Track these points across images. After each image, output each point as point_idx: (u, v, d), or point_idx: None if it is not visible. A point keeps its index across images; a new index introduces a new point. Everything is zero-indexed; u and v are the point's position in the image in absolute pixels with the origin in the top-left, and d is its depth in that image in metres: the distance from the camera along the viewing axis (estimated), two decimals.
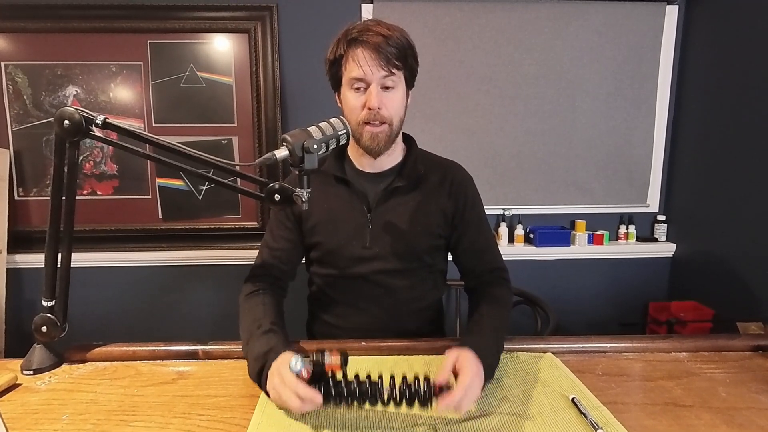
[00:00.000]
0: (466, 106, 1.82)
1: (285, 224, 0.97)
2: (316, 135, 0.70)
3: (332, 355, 0.62)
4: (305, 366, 0.62)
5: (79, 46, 1.70)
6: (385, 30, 0.83)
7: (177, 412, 0.69)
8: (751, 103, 1.52)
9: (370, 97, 0.84)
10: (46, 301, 0.81)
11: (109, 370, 0.83)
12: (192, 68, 1.73)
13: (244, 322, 0.83)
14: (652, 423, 0.65)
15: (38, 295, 0.81)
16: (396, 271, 0.95)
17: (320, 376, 0.63)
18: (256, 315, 0.83)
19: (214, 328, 1.88)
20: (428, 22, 1.76)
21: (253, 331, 0.78)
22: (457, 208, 0.96)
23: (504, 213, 1.90)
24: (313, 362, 0.62)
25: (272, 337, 0.76)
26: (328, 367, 0.62)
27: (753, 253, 1.52)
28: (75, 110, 0.72)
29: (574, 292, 1.94)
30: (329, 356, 0.62)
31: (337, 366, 0.61)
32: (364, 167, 0.96)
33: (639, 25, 1.80)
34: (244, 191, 0.81)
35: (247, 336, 0.79)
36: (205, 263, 1.84)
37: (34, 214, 1.78)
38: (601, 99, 1.84)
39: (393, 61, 0.83)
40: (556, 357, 0.85)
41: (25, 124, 1.73)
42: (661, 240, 1.93)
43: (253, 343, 0.76)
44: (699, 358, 0.86)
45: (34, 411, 0.70)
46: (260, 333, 0.77)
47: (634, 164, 1.90)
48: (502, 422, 0.65)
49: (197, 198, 1.81)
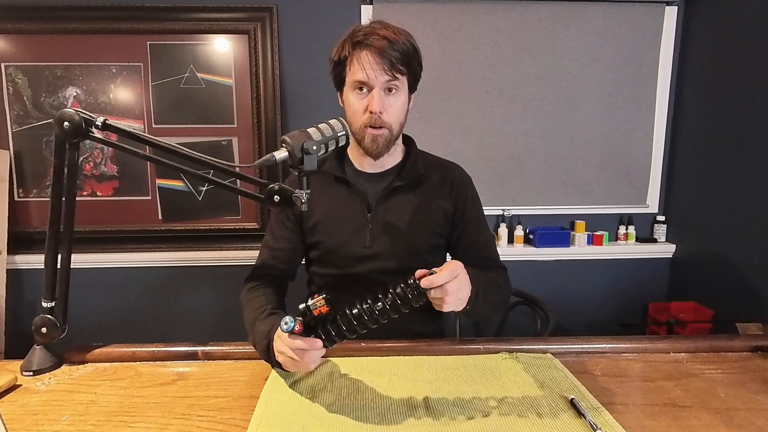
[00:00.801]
0: (466, 107, 1.83)
1: (285, 224, 0.97)
2: (316, 136, 0.70)
3: (316, 300, 0.64)
4: (296, 321, 0.64)
5: (79, 48, 1.70)
6: (391, 34, 0.83)
7: (177, 413, 0.69)
8: (750, 103, 1.53)
9: (373, 101, 0.84)
10: (45, 302, 0.81)
11: (109, 371, 0.83)
12: (192, 69, 1.74)
13: (248, 312, 0.85)
14: (651, 424, 0.65)
15: (38, 296, 0.81)
16: (396, 271, 0.95)
17: (314, 325, 0.66)
18: (259, 303, 0.85)
19: (214, 328, 1.88)
20: (428, 23, 1.76)
21: (257, 317, 0.81)
22: (457, 208, 0.97)
23: (504, 214, 1.91)
24: (301, 313, 0.64)
25: (275, 318, 0.78)
26: (316, 312, 0.63)
27: (753, 254, 1.52)
28: (75, 112, 0.72)
29: (573, 293, 1.94)
30: (313, 302, 0.64)
31: (323, 307, 0.63)
32: (364, 167, 0.97)
33: (638, 26, 1.80)
34: (243, 192, 0.81)
35: (252, 323, 0.81)
36: (205, 264, 1.84)
37: (34, 215, 1.78)
38: (601, 100, 1.85)
39: (397, 65, 0.84)
40: (556, 358, 0.85)
41: (25, 125, 1.73)
42: (660, 241, 1.93)
43: (258, 326, 0.79)
44: (698, 358, 0.86)
45: (34, 412, 0.70)
46: (264, 317, 0.80)
47: (633, 165, 1.90)
48: (501, 423, 0.65)
49: (197, 199, 1.81)
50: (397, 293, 0.65)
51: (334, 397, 0.72)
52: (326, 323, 0.66)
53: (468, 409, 0.68)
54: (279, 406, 0.70)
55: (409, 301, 0.65)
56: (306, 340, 0.65)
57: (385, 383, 0.76)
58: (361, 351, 0.87)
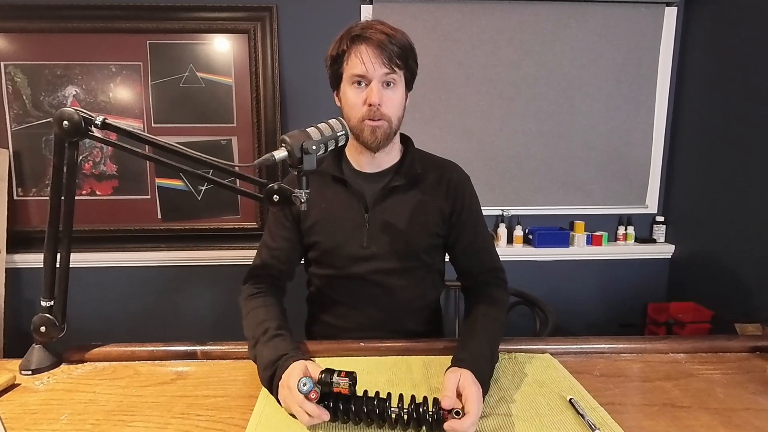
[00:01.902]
0: (465, 107, 1.83)
1: (284, 224, 0.97)
2: (315, 136, 0.71)
3: (341, 378, 0.62)
4: (313, 388, 0.62)
5: (78, 47, 1.70)
6: (389, 29, 0.84)
7: (175, 413, 0.69)
8: (749, 104, 1.53)
9: (372, 93, 0.84)
10: (44, 301, 0.81)
11: (108, 371, 0.83)
12: (191, 69, 1.74)
13: (249, 324, 0.83)
14: (649, 424, 0.65)
15: (37, 295, 0.81)
16: (394, 271, 0.95)
17: (328, 396, 0.64)
18: (260, 317, 0.83)
19: (213, 328, 1.88)
20: (428, 23, 1.76)
21: (260, 337, 0.79)
22: (455, 208, 0.96)
23: (503, 214, 1.91)
24: (321, 383, 0.63)
25: (279, 343, 0.76)
26: (336, 389, 0.62)
27: (752, 254, 1.52)
28: (74, 111, 0.72)
29: (572, 293, 1.94)
30: (338, 379, 0.62)
31: (345, 389, 0.62)
32: (362, 167, 0.96)
33: (638, 27, 1.80)
34: (243, 192, 0.81)
35: (254, 340, 0.79)
36: (204, 263, 1.84)
37: (33, 214, 1.78)
38: (601, 100, 1.85)
39: (395, 59, 0.84)
40: (555, 358, 0.85)
41: (24, 124, 1.73)
42: (659, 241, 1.93)
43: (261, 350, 0.76)
44: (697, 359, 0.86)
45: (33, 411, 0.70)
46: (267, 338, 0.78)
47: (633, 165, 1.90)
48: (499, 423, 0.65)
49: (196, 198, 1.81)
50: (418, 412, 0.63)
51: None
52: (338, 399, 0.64)
53: None
54: (278, 406, 0.69)
55: (425, 426, 0.63)
56: (316, 409, 0.62)
57: (384, 383, 0.76)
58: (360, 351, 0.87)
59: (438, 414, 0.62)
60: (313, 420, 0.63)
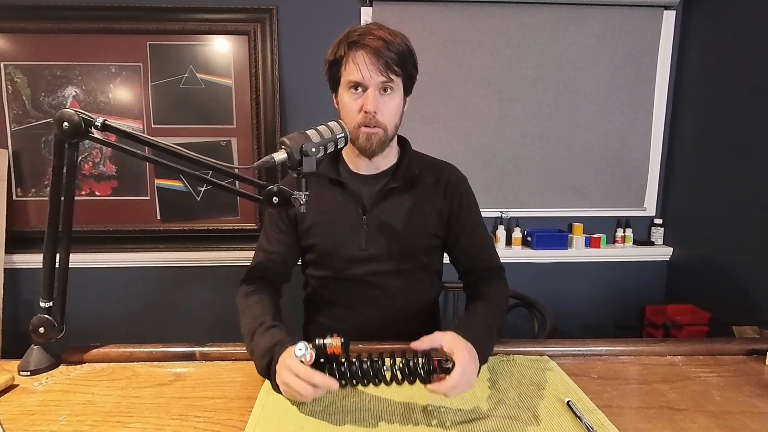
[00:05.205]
0: (464, 109, 1.83)
1: (280, 227, 0.97)
2: (315, 138, 0.71)
3: (333, 339, 0.64)
4: (309, 351, 0.64)
5: (78, 47, 1.70)
6: (387, 35, 0.83)
7: (174, 414, 0.69)
8: (747, 107, 1.53)
9: (367, 100, 0.84)
10: (43, 301, 0.81)
11: (107, 372, 0.83)
12: (191, 70, 1.74)
13: (245, 320, 0.84)
14: (646, 426, 0.66)
15: (36, 296, 0.81)
16: (392, 272, 0.95)
17: (322, 362, 0.66)
18: (256, 312, 0.84)
19: (211, 329, 1.88)
20: (427, 25, 1.77)
21: (256, 329, 0.79)
22: (453, 209, 0.97)
23: (502, 216, 1.91)
24: (315, 346, 0.64)
25: (276, 333, 0.77)
26: (330, 350, 0.64)
27: (750, 257, 1.53)
28: (74, 112, 0.72)
29: (571, 295, 1.95)
30: (330, 339, 0.64)
31: (338, 348, 0.64)
32: (359, 169, 0.96)
33: (637, 30, 1.81)
34: (242, 193, 0.81)
35: (250, 334, 0.80)
36: (204, 264, 1.84)
37: (32, 214, 1.78)
38: (599, 103, 1.85)
39: (392, 66, 0.83)
40: (552, 360, 0.85)
41: (24, 124, 1.73)
42: (657, 243, 1.94)
43: (258, 340, 0.77)
44: (694, 361, 0.86)
45: (31, 412, 0.70)
46: (263, 329, 0.79)
47: (631, 168, 1.90)
48: (497, 425, 0.65)
49: (196, 199, 1.81)
50: (410, 368, 0.65)
51: (331, 398, 0.72)
52: (333, 364, 0.66)
53: (464, 410, 0.69)
54: (276, 407, 0.70)
55: (418, 379, 0.66)
56: (325, 378, 0.63)
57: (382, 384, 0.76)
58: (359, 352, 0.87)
59: (429, 365, 0.65)
60: (319, 391, 0.64)
